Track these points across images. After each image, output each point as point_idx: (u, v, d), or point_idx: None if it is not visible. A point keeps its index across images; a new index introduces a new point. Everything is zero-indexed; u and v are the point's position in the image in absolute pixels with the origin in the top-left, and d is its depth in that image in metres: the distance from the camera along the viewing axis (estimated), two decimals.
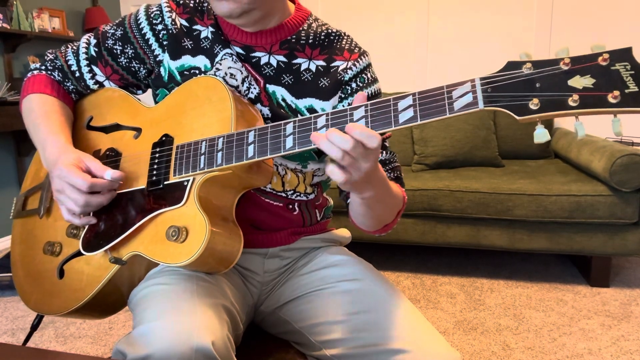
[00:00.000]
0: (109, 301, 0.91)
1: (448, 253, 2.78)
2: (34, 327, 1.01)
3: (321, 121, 0.70)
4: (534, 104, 0.59)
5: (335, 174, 0.68)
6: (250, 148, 0.75)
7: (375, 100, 0.68)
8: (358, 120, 0.67)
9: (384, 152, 0.94)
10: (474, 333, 1.90)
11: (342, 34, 0.95)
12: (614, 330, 1.90)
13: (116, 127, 0.94)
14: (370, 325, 0.82)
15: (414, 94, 0.66)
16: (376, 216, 0.85)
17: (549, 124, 3.00)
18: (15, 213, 1.01)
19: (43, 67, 0.99)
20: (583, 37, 3.17)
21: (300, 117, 0.73)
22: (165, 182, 0.82)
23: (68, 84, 0.99)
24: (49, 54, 1.00)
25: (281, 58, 0.90)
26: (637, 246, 2.18)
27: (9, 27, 3.06)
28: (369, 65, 0.94)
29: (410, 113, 0.65)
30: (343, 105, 0.92)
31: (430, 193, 2.35)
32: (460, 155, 2.71)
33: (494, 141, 2.76)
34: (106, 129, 0.95)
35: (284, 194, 0.93)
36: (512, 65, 0.61)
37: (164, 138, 0.86)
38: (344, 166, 0.67)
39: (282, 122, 0.73)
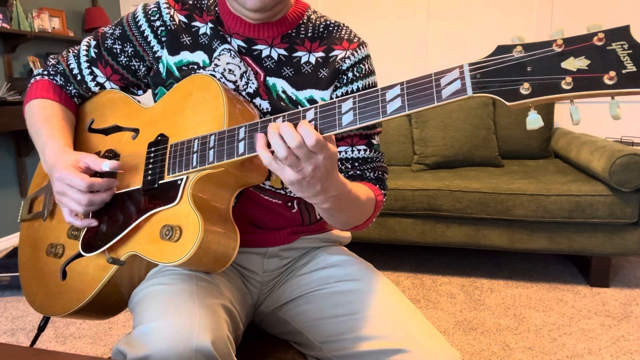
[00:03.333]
0: (109, 302, 0.91)
1: (448, 253, 2.78)
2: (41, 329, 1.01)
3: (310, 114, 0.69)
4: (524, 88, 0.57)
5: (272, 166, 0.69)
6: (241, 144, 0.74)
7: (363, 92, 0.67)
8: (346, 112, 0.67)
9: (369, 149, 0.94)
10: (474, 333, 1.90)
11: (341, 25, 0.95)
12: (614, 330, 1.90)
13: (116, 129, 0.95)
14: (370, 325, 0.82)
15: (401, 83, 0.64)
16: (338, 221, 0.85)
17: (548, 123, 3.00)
18: (22, 216, 1.02)
19: (45, 72, 1.00)
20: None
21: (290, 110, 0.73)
22: (160, 182, 0.82)
23: (70, 88, 0.99)
24: (51, 59, 1.01)
25: (282, 51, 0.91)
26: (637, 246, 2.18)
27: (8, 27, 3.06)
28: (367, 57, 0.94)
29: (398, 103, 0.64)
30: (336, 95, 0.92)
31: (430, 193, 2.35)
32: (460, 155, 2.71)
33: (493, 141, 2.76)
34: (106, 131, 0.96)
35: (282, 192, 0.93)
36: (503, 50, 0.59)
37: (159, 138, 0.86)
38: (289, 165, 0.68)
39: (272, 117, 0.72)
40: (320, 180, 0.70)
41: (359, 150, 0.93)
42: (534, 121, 0.58)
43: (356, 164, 0.93)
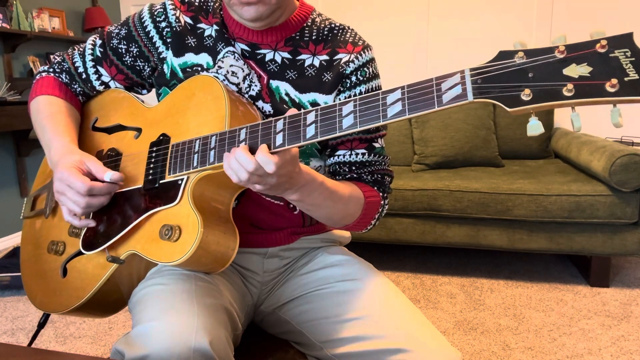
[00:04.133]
0: (109, 300, 0.91)
1: (448, 253, 2.78)
2: (41, 325, 1.02)
3: (311, 117, 0.69)
4: (525, 94, 0.56)
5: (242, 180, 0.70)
6: (242, 146, 0.74)
7: (364, 95, 0.66)
8: (346, 115, 0.66)
9: (368, 153, 0.93)
10: (474, 333, 1.90)
11: (346, 28, 0.94)
12: (614, 330, 1.90)
13: (119, 128, 0.95)
14: (370, 324, 0.82)
15: (402, 87, 0.64)
16: (319, 216, 0.85)
17: (548, 124, 3.00)
18: (24, 213, 1.02)
19: (51, 70, 1.00)
20: (584, 38, 3.17)
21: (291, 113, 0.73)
22: (161, 181, 0.82)
23: (75, 86, 1.00)
24: (56, 57, 1.01)
25: (285, 55, 0.90)
26: (637, 246, 2.18)
27: (8, 27, 3.06)
28: (371, 60, 0.93)
29: (398, 107, 0.63)
30: (339, 99, 0.91)
31: (430, 193, 2.35)
32: (460, 155, 2.71)
33: (494, 141, 2.76)
34: (109, 130, 0.96)
35: None
36: (504, 55, 0.59)
37: (161, 137, 0.86)
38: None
39: (273, 119, 0.72)
40: (287, 182, 0.72)
41: (357, 154, 0.92)
42: (534, 127, 0.57)
43: (353, 168, 0.92)
